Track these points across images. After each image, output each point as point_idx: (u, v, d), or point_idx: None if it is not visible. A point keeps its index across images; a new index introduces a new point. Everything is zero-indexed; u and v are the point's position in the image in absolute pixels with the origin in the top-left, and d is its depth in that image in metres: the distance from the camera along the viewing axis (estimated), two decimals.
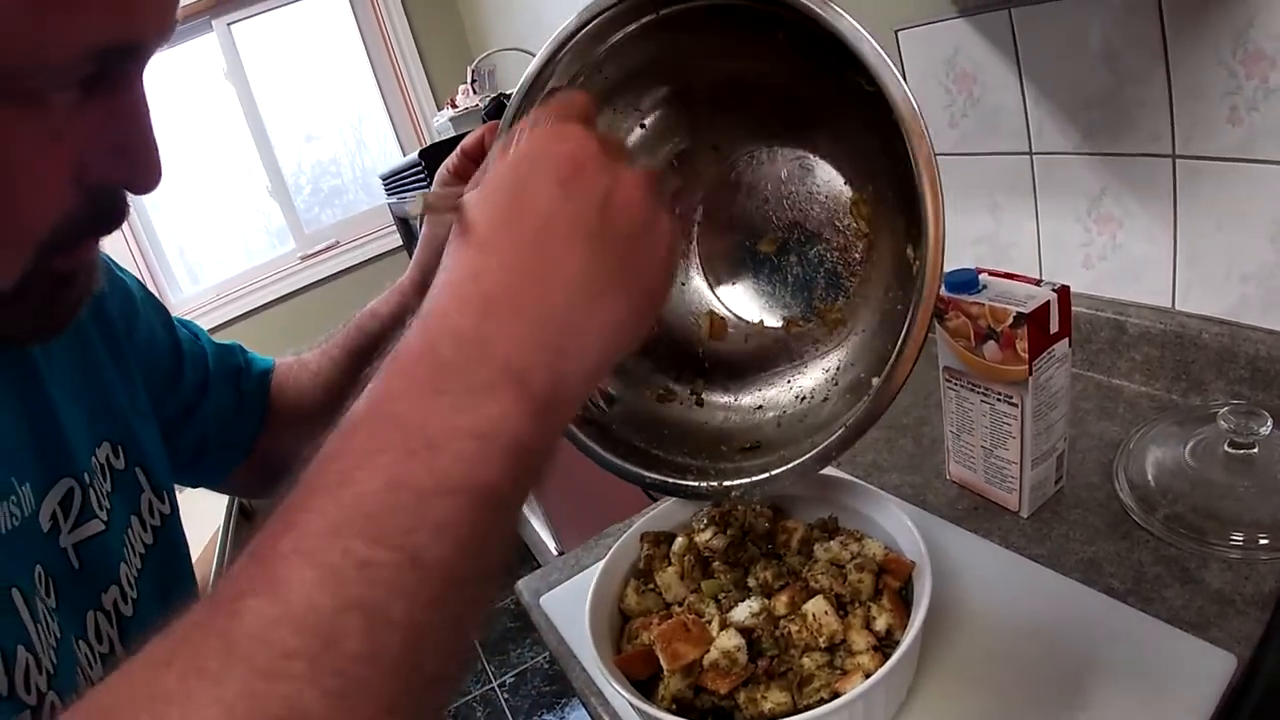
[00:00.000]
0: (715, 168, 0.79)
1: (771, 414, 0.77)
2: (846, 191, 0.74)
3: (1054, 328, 0.82)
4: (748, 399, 0.79)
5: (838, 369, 0.75)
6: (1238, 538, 0.79)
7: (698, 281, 0.83)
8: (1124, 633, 0.72)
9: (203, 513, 2.12)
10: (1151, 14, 0.93)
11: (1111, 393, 1.11)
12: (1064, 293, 0.82)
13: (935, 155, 0.52)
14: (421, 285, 0.73)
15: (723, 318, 0.82)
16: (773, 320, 0.81)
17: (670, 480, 0.72)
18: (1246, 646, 0.69)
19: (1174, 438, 0.93)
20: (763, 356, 0.80)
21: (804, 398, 0.76)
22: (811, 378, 0.77)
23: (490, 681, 2.65)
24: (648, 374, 0.80)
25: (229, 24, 3.14)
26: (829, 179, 0.74)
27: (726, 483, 0.69)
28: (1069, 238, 1.16)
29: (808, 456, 0.63)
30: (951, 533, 0.91)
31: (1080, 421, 1.05)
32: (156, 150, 0.47)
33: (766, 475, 0.67)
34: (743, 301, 0.82)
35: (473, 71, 2.81)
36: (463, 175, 0.70)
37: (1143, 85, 0.98)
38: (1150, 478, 0.89)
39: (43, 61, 0.37)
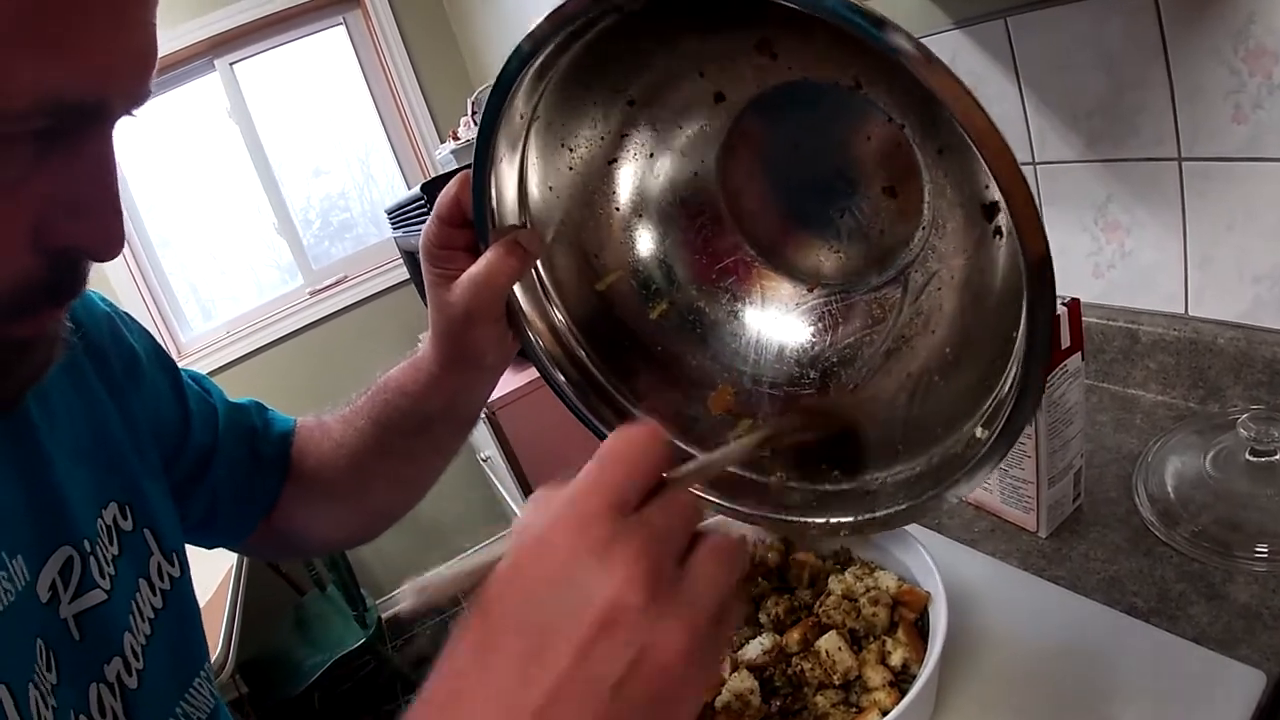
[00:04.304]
0: (727, 124, 0.68)
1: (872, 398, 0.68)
2: (890, 125, 0.60)
3: (1065, 342, 0.81)
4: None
5: (935, 331, 0.64)
6: (1263, 549, 0.76)
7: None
8: (1149, 654, 0.70)
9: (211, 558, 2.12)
10: (1149, 16, 0.91)
11: (1128, 403, 1.09)
12: (1074, 306, 0.81)
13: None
14: (447, 365, 0.70)
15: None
16: (841, 285, 0.69)
17: (794, 519, 0.65)
18: (1276, 663, 0.67)
19: (1193, 448, 0.91)
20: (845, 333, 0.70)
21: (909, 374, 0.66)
22: (901, 348, 0.66)
23: None
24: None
25: (231, 63, 3.16)
26: (864, 111, 0.60)
27: (872, 513, 0.61)
28: (1077, 247, 1.14)
29: (971, 468, 0.55)
30: (969, 556, 0.89)
31: (1097, 435, 1.03)
32: (119, 216, 0.46)
33: (911, 505, 0.59)
34: (806, 264, 0.71)
35: (473, 103, 2.82)
36: (446, 244, 0.66)
37: (1144, 88, 0.96)
38: (1170, 490, 0.87)
39: None
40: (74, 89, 0.39)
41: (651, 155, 0.70)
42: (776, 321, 0.73)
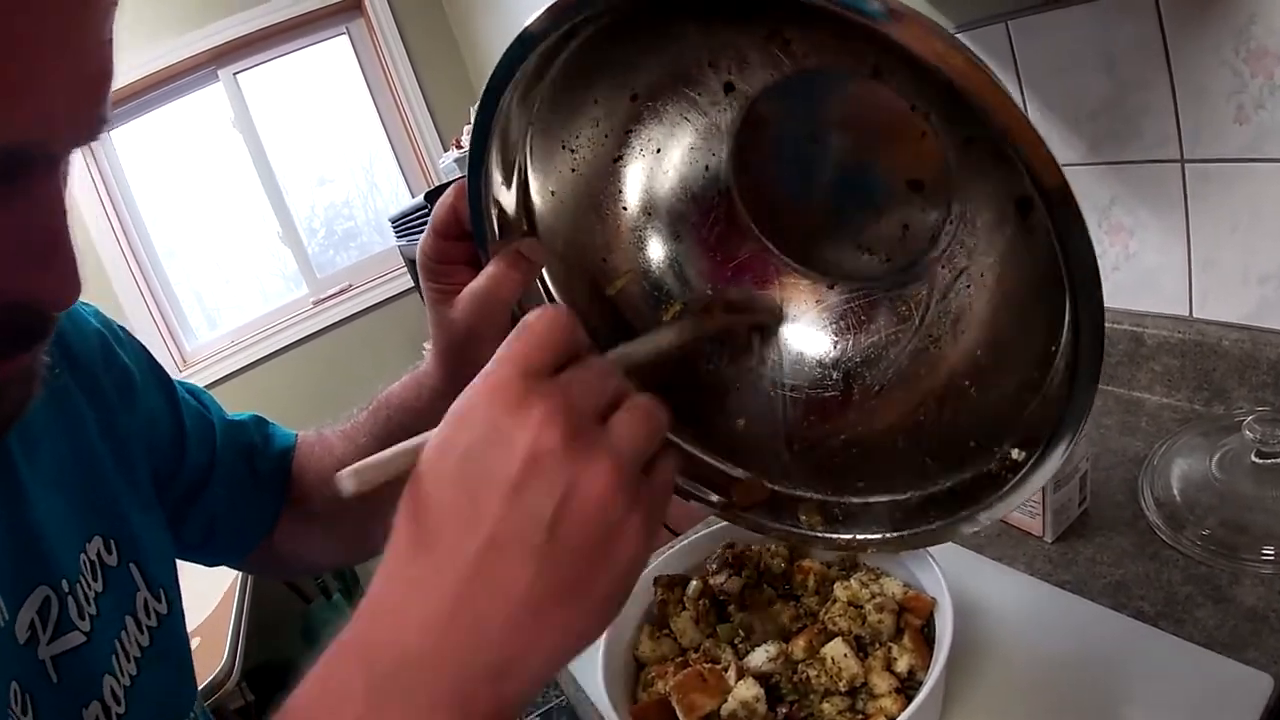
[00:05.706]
0: (739, 116, 0.64)
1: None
2: (913, 114, 0.56)
3: None
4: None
5: (972, 339, 0.60)
6: (1269, 551, 0.76)
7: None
8: (1156, 658, 0.70)
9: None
10: (1150, 18, 0.91)
11: (1133, 406, 1.08)
12: None
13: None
14: (451, 382, 0.66)
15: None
16: (863, 282, 0.66)
17: (818, 534, 0.64)
18: None
19: (1199, 450, 0.91)
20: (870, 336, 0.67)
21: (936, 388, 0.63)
22: (929, 348, 0.63)
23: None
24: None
25: (235, 74, 3.17)
26: (885, 100, 0.56)
27: (899, 531, 0.60)
28: None
29: (1006, 492, 0.54)
30: (975, 562, 0.89)
31: (1102, 438, 1.03)
32: (72, 261, 0.41)
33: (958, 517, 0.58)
34: (826, 260, 0.68)
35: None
36: (444, 258, 0.63)
37: (1145, 91, 0.96)
38: (1176, 493, 0.87)
39: None
40: (10, 135, 0.35)
41: (659, 151, 0.67)
42: (795, 321, 0.70)
